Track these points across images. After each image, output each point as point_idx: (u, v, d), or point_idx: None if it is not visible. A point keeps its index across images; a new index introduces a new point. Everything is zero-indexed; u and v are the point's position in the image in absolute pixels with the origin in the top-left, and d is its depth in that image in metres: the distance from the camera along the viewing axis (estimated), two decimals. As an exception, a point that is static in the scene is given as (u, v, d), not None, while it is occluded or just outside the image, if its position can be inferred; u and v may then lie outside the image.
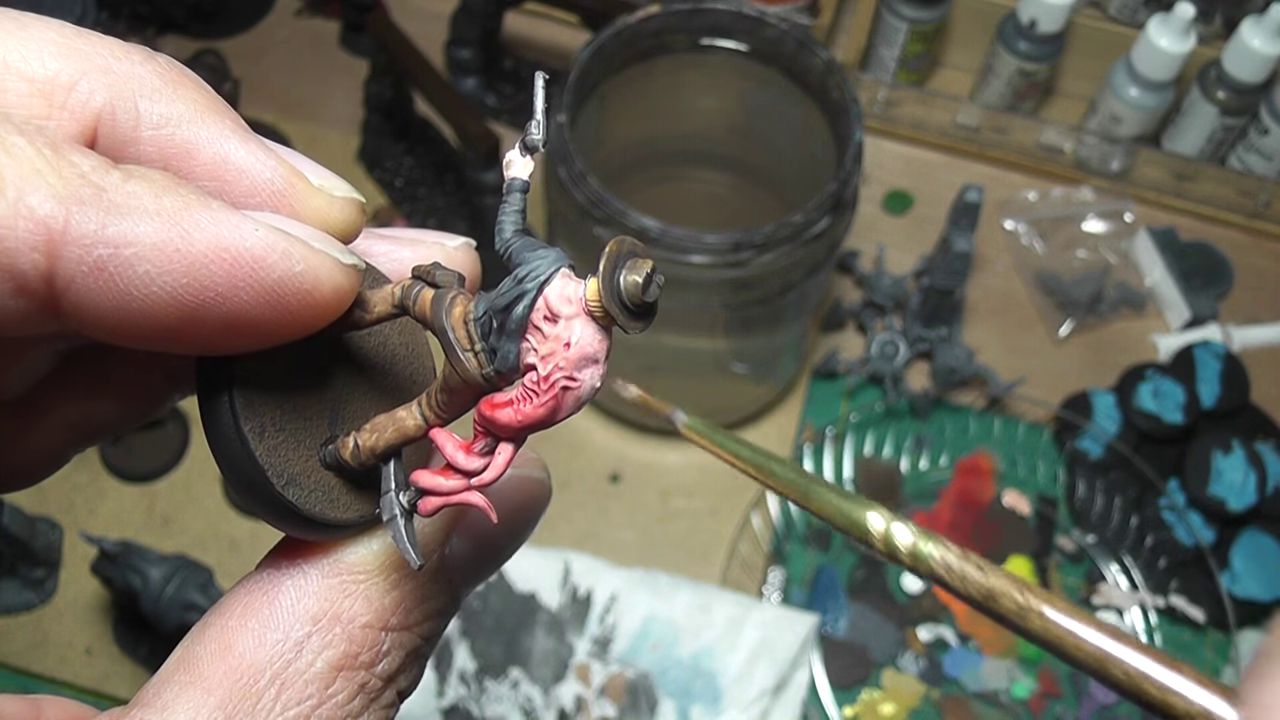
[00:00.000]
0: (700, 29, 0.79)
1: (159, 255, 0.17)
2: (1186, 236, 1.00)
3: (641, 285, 0.19)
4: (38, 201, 0.16)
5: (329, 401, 0.23)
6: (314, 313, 0.20)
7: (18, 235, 0.16)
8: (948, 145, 1.05)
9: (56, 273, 0.17)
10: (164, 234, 0.17)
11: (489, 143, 0.84)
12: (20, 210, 0.16)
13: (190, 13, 1.08)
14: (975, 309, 0.97)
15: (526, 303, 0.20)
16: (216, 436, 0.21)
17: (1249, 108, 0.97)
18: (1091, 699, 0.80)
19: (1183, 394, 0.87)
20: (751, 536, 0.85)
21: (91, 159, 0.18)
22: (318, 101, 1.06)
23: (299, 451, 0.22)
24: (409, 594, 0.22)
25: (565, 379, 0.20)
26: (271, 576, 0.21)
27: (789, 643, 0.78)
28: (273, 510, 0.21)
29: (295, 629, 0.21)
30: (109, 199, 0.17)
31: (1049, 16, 0.95)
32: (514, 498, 0.25)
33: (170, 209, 0.18)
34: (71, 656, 0.80)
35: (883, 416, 0.91)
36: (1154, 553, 0.85)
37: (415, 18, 1.02)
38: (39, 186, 0.17)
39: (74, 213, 0.17)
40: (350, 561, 0.22)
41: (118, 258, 0.17)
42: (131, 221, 0.17)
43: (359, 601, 0.21)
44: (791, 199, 0.81)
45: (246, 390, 0.21)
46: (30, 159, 0.17)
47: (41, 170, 0.17)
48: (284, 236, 0.19)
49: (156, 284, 0.17)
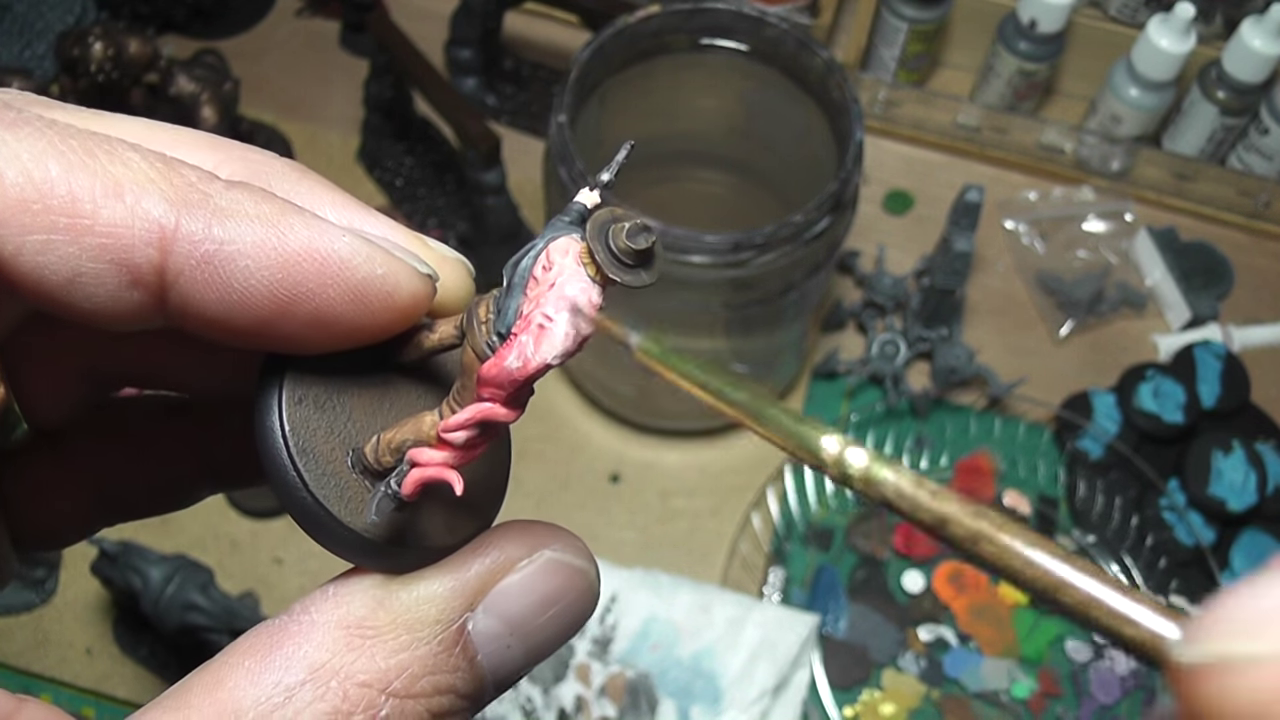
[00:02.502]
0: (700, 29, 0.79)
1: (258, 253, 0.20)
2: (1187, 236, 1.00)
3: (628, 231, 0.20)
4: (151, 204, 0.19)
5: (382, 421, 0.23)
6: (394, 315, 0.21)
7: (134, 233, 0.19)
8: (948, 145, 1.05)
9: (167, 267, 0.19)
10: (262, 235, 0.20)
11: (489, 143, 0.84)
12: (137, 212, 0.19)
13: (190, 13, 1.08)
14: (975, 309, 0.97)
15: (532, 255, 0.21)
16: (259, 409, 0.22)
17: (1249, 108, 0.97)
18: (1092, 699, 0.80)
19: (1183, 394, 0.87)
20: (752, 536, 0.85)
21: (197, 170, 0.20)
22: (318, 101, 1.06)
23: (330, 438, 0.22)
24: (419, 659, 0.21)
25: (542, 316, 0.20)
26: (283, 622, 0.21)
27: (789, 643, 0.78)
28: (280, 480, 0.21)
29: (289, 675, 0.20)
30: (214, 203, 0.20)
31: (1049, 16, 0.95)
32: (546, 582, 0.23)
33: (268, 214, 0.20)
34: (71, 656, 0.80)
35: (883, 416, 0.91)
36: (1154, 553, 0.85)
37: (415, 18, 1.02)
38: (152, 192, 0.19)
39: (183, 215, 0.19)
40: (360, 615, 0.21)
41: (221, 254, 0.19)
42: (234, 223, 0.20)
43: (362, 658, 0.21)
44: (791, 199, 0.81)
45: (301, 366, 0.22)
46: (144, 170, 0.19)
47: (154, 179, 0.19)
48: (368, 243, 0.21)
49: (255, 278, 0.20)
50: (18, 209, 0.18)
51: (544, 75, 1.07)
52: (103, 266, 0.19)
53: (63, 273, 0.19)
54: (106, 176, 0.19)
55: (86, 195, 0.19)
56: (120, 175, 0.19)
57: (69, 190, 0.18)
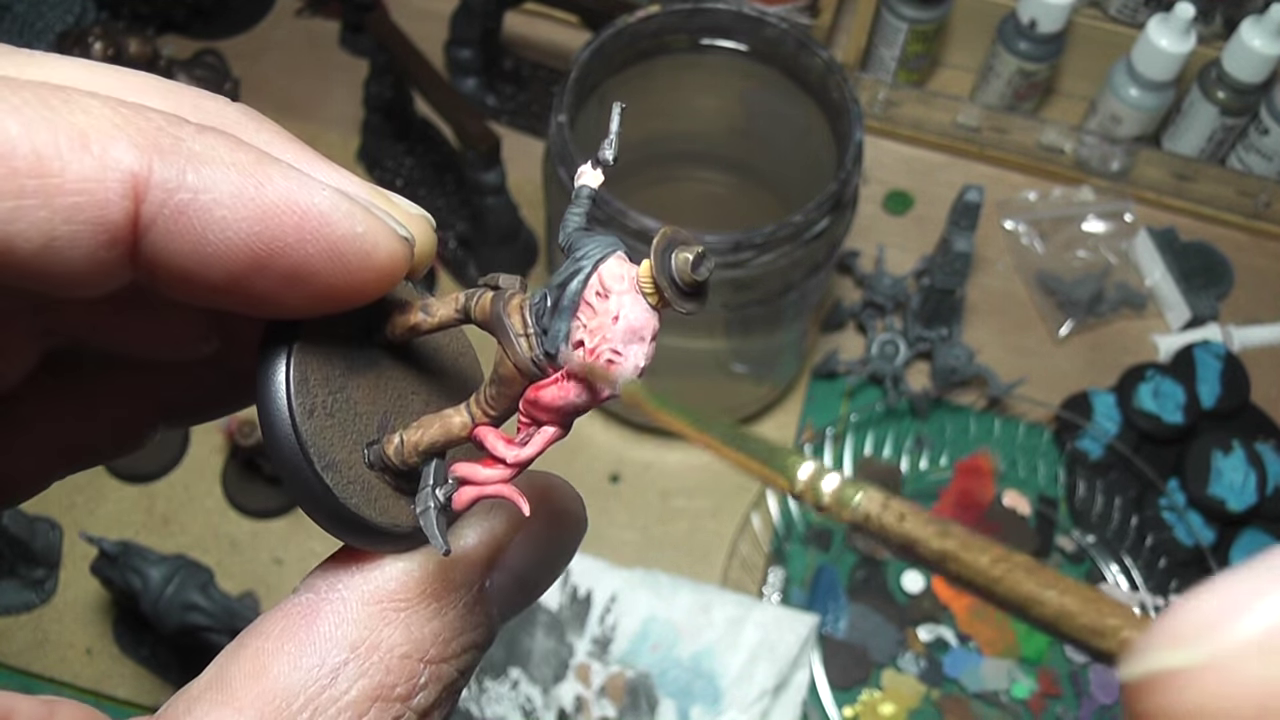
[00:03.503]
0: (700, 29, 0.79)
1: (234, 202, 0.19)
2: (1186, 236, 1.00)
3: (692, 263, 0.20)
4: (121, 152, 0.18)
5: (381, 405, 0.23)
6: (370, 276, 0.21)
7: (107, 186, 0.17)
8: (948, 145, 1.05)
9: (140, 216, 0.18)
10: (239, 184, 0.19)
11: (489, 143, 0.84)
12: (107, 162, 0.17)
13: (190, 13, 1.08)
14: (975, 309, 0.97)
15: (581, 278, 0.20)
16: (266, 402, 0.21)
17: (1249, 108, 0.97)
18: (1092, 699, 0.80)
19: (1183, 394, 0.87)
20: (751, 536, 0.85)
21: (164, 114, 0.19)
22: (318, 101, 1.06)
23: (344, 441, 0.22)
24: (449, 625, 0.22)
25: (611, 352, 0.20)
26: (311, 601, 0.21)
27: (789, 643, 0.78)
28: (307, 494, 0.21)
29: (332, 655, 0.20)
30: (188, 148, 0.18)
31: (1049, 16, 0.95)
32: (549, 535, 0.24)
33: (244, 162, 0.19)
34: (71, 656, 0.80)
35: (883, 416, 0.91)
36: (1154, 553, 0.85)
37: (415, 18, 1.02)
38: (120, 139, 0.18)
39: (156, 161, 0.18)
40: (391, 589, 0.21)
41: (196, 203, 0.18)
42: (210, 170, 0.18)
43: (398, 631, 0.21)
44: (791, 199, 0.81)
45: (302, 365, 0.21)
46: (108, 116, 0.18)
47: (120, 125, 0.18)
48: (348, 200, 0.20)
49: (231, 229, 0.19)
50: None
51: (544, 75, 1.07)
52: (78, 228, 0.17)
53: (36, 239, 0.17)
54: (69, 128, 0.17)
55: (52, 151, 0.17)
56: (84, 125, 0.17)
57: (32, 148, 0.17)
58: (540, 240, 0.97)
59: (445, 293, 0.91)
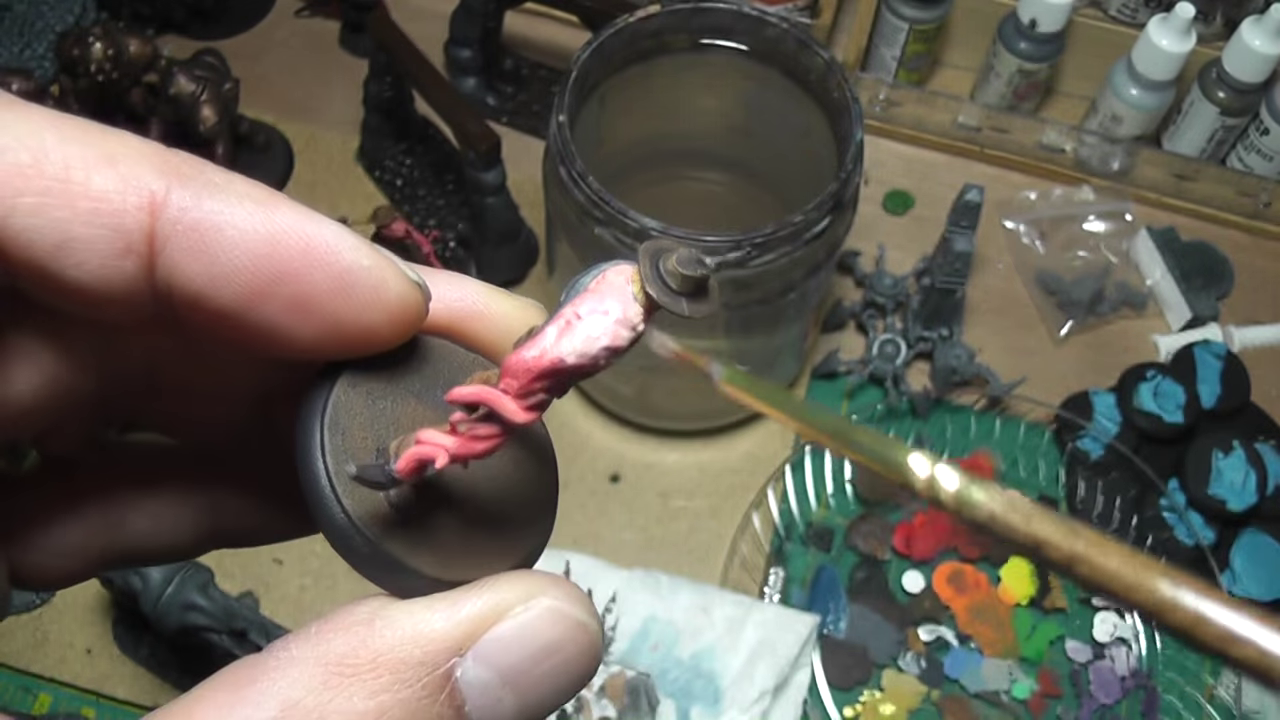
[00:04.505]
0: (700, 29, 0.79)
1: (245, 224, 0.20)
2: (1187, 236, 1.00)
3: (681, 258, 0.20)
4: (144, 173, 0.19)
5: None
6: (383, 315, 0.21)
7: (126, 199, 0.19)
8: (948, 145, 1.05)
9: (156, 233, 0.20)
10: (251, 209, 0.20)
11: (489, 143, 0.84)
12: (129, 179, 0.19)
13: (190, 13, 1.08)
14: (975, 309, 0.97)
15: (591, 274, 0.21)
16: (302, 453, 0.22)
17: (1249, 108, 0.97)
18: (1092, 699, 0.80)
19: (1183, 394, 0.87)
20: (752, 536, 0.85)
21: (190, 155, 0.21)
22: (318, 101, 1.06)
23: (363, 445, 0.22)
24: (400, 703, 0.20)
25: (572, 314, 0.20)
26: (261, 657, 0.20)
27: (789, 643, 0.78)
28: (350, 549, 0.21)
29: (260, 712, 0.19)
30: (207, 177, 0.20)
31: (1049, 16, 0.95)
32: (543, 633, 0.21)
33: (258, 195, 0.20)
34: (71, 656, 0.80)
35: (883, 416, 0.91)
36: (1154, 553, 0.85)
37: (415, 18, 1.02)
38: (144, 164, 0.20)
39: (175, 184, 0.20)
40: (340, 652, 0.20)
41: (209, 221, 0.20)
42: (225, 197, 0.20)
43: (339, 697, 0.20)
44: (791, 199, 0.81)
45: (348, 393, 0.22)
46: (137, 145, 0.20)
47: (146, 153, 0.20)
48: (355, 236, 0.21)
49: (240, 249, 0.20)
50: (12, 173, 0.18)
51: (544, 75, 1.07)
52: (94, 231, 0.19)
53: (53, 237, 0.19)
54: (100, 148, 0.19)
55: (79, 163, 0.19)
56: (113, 148, 0.19)
57: (63, 158, 0.19)
58: (540, 240, 0.97)
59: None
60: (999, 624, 0.82)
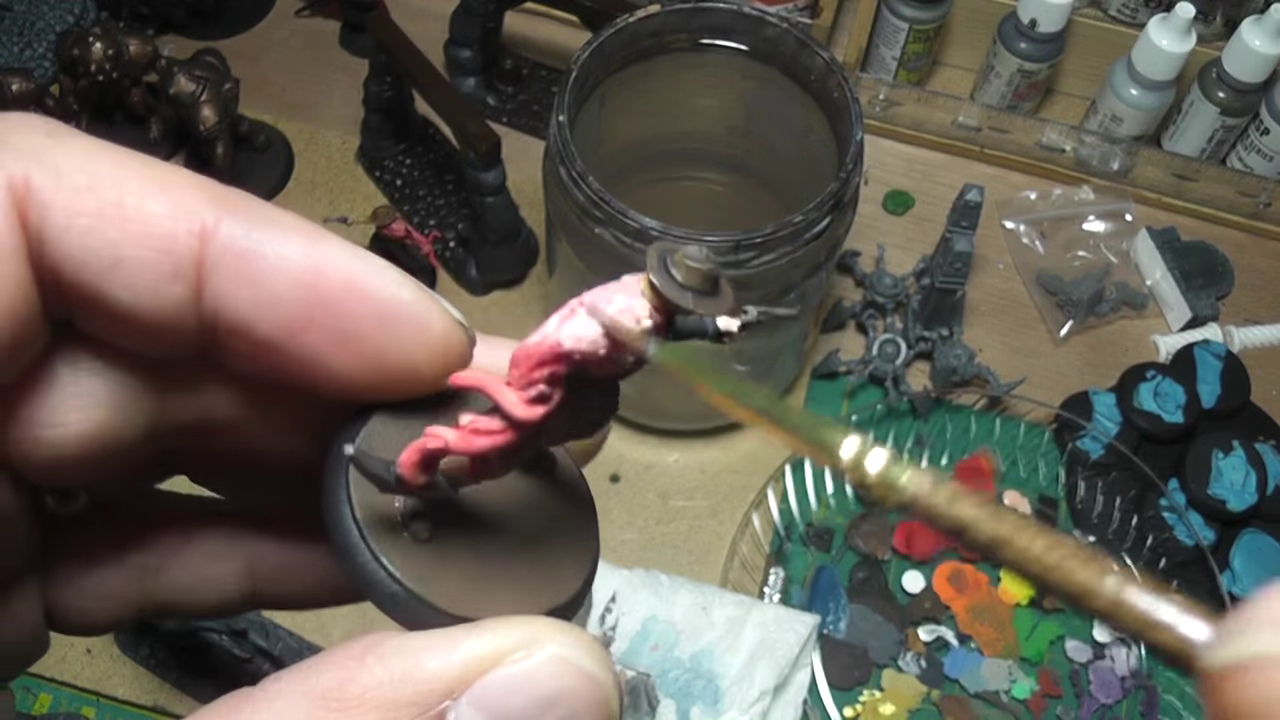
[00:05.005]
0: (700, 29, 0.79)
1: (291, 252, 0.21)
2: (1187, 236, 1.00)
3: (689, 252, 0.20)
4: (195, 202, 0.20)
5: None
6: (427, 352, 0.22)
7: (177, 223, 0.20)
8: (948, 145, 1.05)
9: (205, 259, 0.20)
10: (297, 240, 0.21)
11: (489, 143, 0.84)
12: (180, 206, 0.20)
13: (190, 13, 1.08)
14: (975, 309, 0.97)
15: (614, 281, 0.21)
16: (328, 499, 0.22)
17: (1249, 108, 0.97)
18: (1092, 699, 0.80)
19: (1183, 394, 0.87)
20: (751, 536, 0.85)
21: (242, 190, 0.21)
22: (318, 101, 1.06)
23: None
24: None
25: (576, 303, 0.20)
26: (250, 690, 0.20)
27: (789, 643, 0.78)
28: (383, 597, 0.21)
29: None
30: (256, 210, 0.21)
31: (1049, 16, 0.95)
32: (544, 682, 0.20)
33: (306, 228, 0.21)
34: (71, 656, 0.80)
35: (883, 416, 0.91)
36: (1154, 553, 0.85)
37: (415, 18, 1.02)
38: (197, 194, 0.20)
39: (225, 214, 0.20)
40: (327, 686, 0.19)
41: (256, 250, 0.20)
42: (273, 228, 0.21)
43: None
44: (791, 199, 0.81)
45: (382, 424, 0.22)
46: (190, 178, 0.21)
47: (200, 185, 0.21)
48: (399, 271, 0.22)
49: (285, 276, 0.20)
50: (69, 195, 0.19)
51: (544, 75, 1.07)
52: (144, 253, 0.20)
53: (105, 257, 0.19)
54: (154, 177, 0.20)
55: (134, 189, 0.20)
56: (167, 177, 0.20)
57: (117, 183, 0.20)
58: (540, 240, 0.97)
59: (444, 293, 0.92)
60: (999, 624, 0.82)
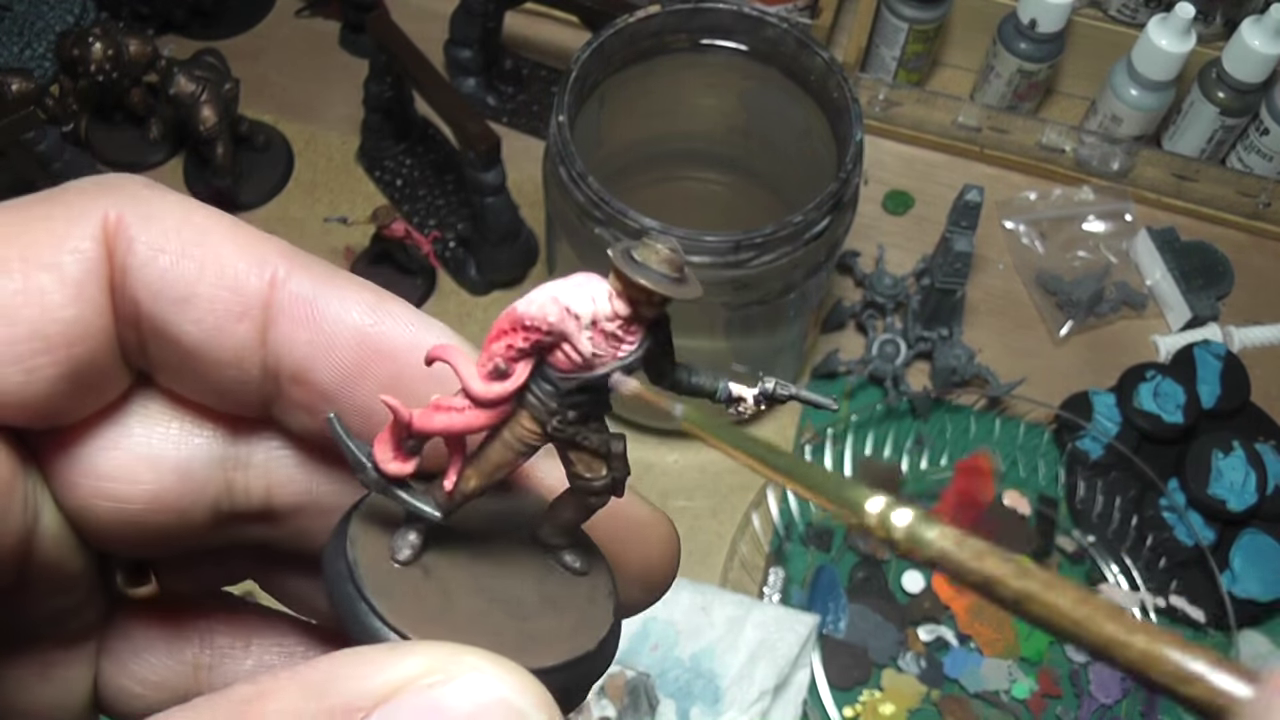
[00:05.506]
0: (700, 29, 0.79)
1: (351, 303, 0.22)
2: (1186, 236, 1.00)
3: (654, 235, 0.21)
4: (270, 253, 0.22)
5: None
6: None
7: (250, 267, 0.22)
8: (948, 145, 1.05)
9: (272, 303, 0.22)
10: (360, 293, 0.22)
11: (489, 143, 0.84)
12: (255, 253, 0.22)
13: (190, 13, 1.08)
14: (975, 309, 0.97)
15: None
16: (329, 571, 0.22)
17: (1249, 108, 0.97)
18: (1092, 699, 0.80)
19: (1183, 394, 0.87)
20: (751, 537, 0.85)
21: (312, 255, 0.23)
22: (318, 101, 1.06)
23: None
24: None
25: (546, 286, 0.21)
26: (264, 681, 0.19)
27: (789, 643, 0.78)
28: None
29: None
30: (326, 270, 0.23)
31: (1049, 16, 0.95)
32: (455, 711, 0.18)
33: (370, 287, 0.23)
34: None
35: (883, 416, 0.91)
36: (1154, 553, 0.85)
37: (415, 18, 1.02)
38: (272, 248, 0.22)
39: (296, 269, 0.22)
40: (242, 696, 0.18)
41: (322, 299, 0.22)
42: (340, 284, 0.22)
43: None
44: (791, 199, 0.81)
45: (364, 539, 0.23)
46: (268, 235, 0.22)
47: (276, 242, 0.22)
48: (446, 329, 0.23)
49: (344, 323, 0.22)
50: (157, 233, 0.21)
51: (544, 75, 1.07)
52: (216, 291, 0.21)
53: (180, 290, 0.21)
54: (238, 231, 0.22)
55: (215, 236, 0.22)
56: (250, 233, 0.22)
57: (203, 230, 0.22)
58: (540, 240, 0.97)
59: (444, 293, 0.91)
60: (999, 624, 0.82)
